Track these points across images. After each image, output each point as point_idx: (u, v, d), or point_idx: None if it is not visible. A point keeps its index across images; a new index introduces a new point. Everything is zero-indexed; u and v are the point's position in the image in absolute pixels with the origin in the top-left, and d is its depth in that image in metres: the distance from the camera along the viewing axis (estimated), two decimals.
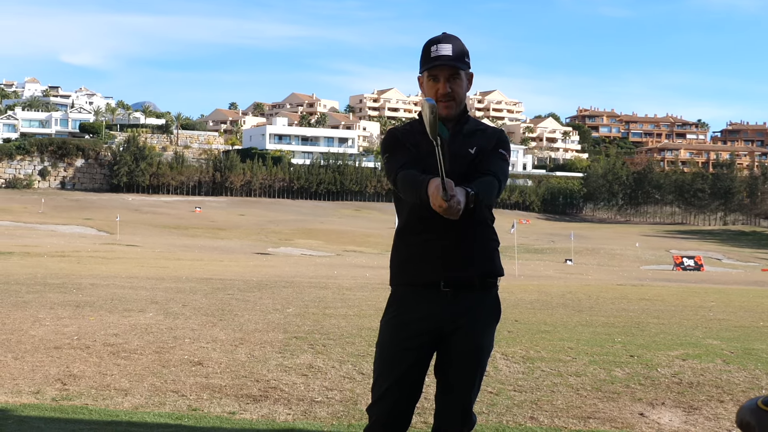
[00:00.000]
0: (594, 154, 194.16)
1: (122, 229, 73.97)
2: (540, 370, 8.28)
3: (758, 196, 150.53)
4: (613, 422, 6.35)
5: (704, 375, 8.27)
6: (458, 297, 3.67)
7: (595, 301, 18.58)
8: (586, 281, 33.12)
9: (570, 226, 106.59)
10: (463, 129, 3.78)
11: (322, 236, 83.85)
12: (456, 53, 3.67)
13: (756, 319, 14.95)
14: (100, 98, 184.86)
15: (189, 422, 5.97)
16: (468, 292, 3.69)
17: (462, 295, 3.68)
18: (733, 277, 50.69)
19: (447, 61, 3.64)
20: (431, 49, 3.68)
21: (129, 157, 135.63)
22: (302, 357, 8.63)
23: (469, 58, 3.77)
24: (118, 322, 11.10)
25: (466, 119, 3.82)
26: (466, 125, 3.80)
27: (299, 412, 6.39)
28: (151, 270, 28.61)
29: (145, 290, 16.98)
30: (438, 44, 3.67)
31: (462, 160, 3.66)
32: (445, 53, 3.65)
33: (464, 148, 3.71)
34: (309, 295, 17.30)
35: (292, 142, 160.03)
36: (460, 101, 3.75)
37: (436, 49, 3.67)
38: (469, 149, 3.72)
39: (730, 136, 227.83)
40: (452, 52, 3.66)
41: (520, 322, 12.87)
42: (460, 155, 3.69)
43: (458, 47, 3.69)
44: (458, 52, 3.68)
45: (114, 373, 7.54)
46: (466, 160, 3.67)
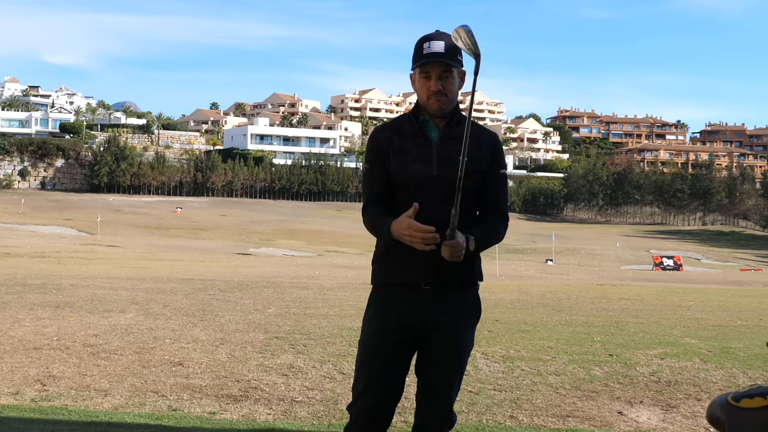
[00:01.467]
0: (574, 155, 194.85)
1: (103, 229, 73.63)
2: (520, 369, 8.32)
3: (737, 196, 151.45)
4: (591, 421, 6.39)
5: (682, 373, 8.34)
6: (439, 296, 3.65)
7: (575, 301, 18.67)
8: (566, 281, 33.25)
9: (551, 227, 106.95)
10: (453, 132, 3.68)
11: (304, 236, 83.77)
12: (448, 50, 3.59)
13: (733, 318, 15.07)
14: (81, 98, 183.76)
15: (169, 422, 5.96)
16: (448, 291, 3.68)
17: (442, 294, 3.66)
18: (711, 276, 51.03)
19: (439, 58, 3.57)
20: (423, 46, 3.62)
21: (110, 157, 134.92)
22: (283, 357, 8.64)
23: (462, 56, 3.67)
24: (98, 323, 11.06)
25: (458, 119, 3.73)
26: (457, 127, 3.69)
27: (280, 411, 6.40)
28: (132, 270, 28.51)
29: (126, 291, 16.92)
30: (431, 41, 3.61)
31: (451, 167, 3.56)
32: (438, 50, 3.58)
33: (455, 153, 3.56)
34: (290, 295, 17.30)
35: (274, 142, 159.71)
36: (452, 98, 3.66)
37: (429, 46, 3.60)
38: (459, 156, 3.55)
39: (709, 137, 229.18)
40: (444, 49, 3.58)
41: (501, 321, 12.92)
42: (450, 161, 3.60)
43: (451, 44, 3.60)
44: (451, 49, 3.60)
45: (94, 374, 7.52)
46: (456, 166, 3.53)
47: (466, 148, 3.43)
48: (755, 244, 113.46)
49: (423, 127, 3.69)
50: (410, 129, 3.70)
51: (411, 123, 3.71)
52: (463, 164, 3.43)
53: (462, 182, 3.48)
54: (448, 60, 3.58)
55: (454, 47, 3.60)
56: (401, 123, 3.77)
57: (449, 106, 3.67)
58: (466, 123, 3.48)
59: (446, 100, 3.64)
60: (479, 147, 3.70)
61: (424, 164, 3.63)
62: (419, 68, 3.64)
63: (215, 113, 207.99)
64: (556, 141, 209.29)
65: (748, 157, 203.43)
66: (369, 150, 3.77)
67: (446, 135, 3.69)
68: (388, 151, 3.68)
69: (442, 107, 3.65)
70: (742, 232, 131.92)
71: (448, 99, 3.64)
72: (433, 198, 3.59)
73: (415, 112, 3.74)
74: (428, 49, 3.59)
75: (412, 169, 3.63)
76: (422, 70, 3.64)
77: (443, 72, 3.61)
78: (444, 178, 3.60)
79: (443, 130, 3.70)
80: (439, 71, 3.61)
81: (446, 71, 3.61)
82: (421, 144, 3.66)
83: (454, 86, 3.66)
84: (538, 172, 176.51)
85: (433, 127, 3.70)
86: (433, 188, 3.61)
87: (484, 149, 3.73)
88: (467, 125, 3.45)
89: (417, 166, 3.64)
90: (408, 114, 3.77)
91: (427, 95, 3.64)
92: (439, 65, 3.59)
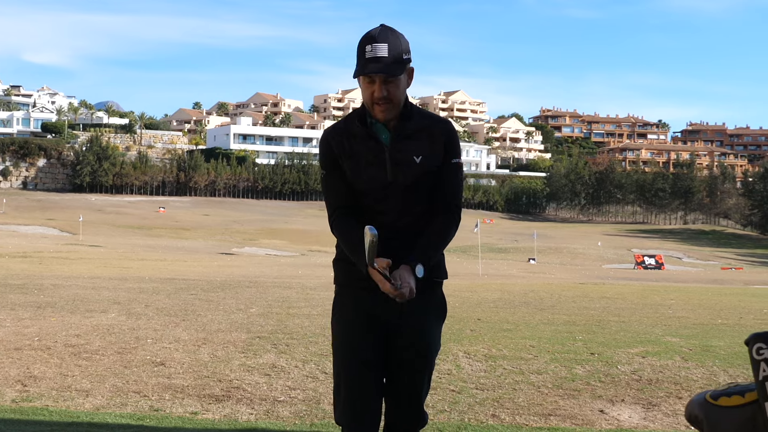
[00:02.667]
0: (557, 154, 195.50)
1: (85, 229, 73.29)
2: (502, 368, 8.34)
3: (718, 195, 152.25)
4: (573, 419, 6.41)
5: (663, 372, 8.38)
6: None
7: (557, 300, 18.72)
8: (548, 280, 33.35)
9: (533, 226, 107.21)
10: (406, 129, 3.54)
11: (287, 236, 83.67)
12: (392, 56, 3.38)
13: (714, 317, 15.15)
14: (63, 97, 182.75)
15: (151, 423, 5.95)
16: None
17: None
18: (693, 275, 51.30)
19: (381, 71, 3.37)
20: (366, 49, 3.39)
21: (92, 157, 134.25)
22: (265, 357, 8.63)
23: (408, 54, 3.46)
24: (80, 323, 11.02)
25: (408, 115, 3.55)
26: (409, 123, 3.54)
27: (262, 411, 6.39)
28: (114, 270, 28.40)
29: (108, 291, 16.85)
30: (374, 45, 3.37)
31: (406, 169, 3.50)
32: (381, 55, 3.36)
33: (408, 154, 3.50)
34: (273, 294, 17.27)
35: (257, 141, 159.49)
36: (398, 102, 3.48)
37: (372, 50, 3.37)
38: (414, 156, 3.52)
39: (690, 137, 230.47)
40: (388, 54, 3.37)
41: (483, 320, 12.94)
42: (404, 163, 3.51)
43: (395, 47, 3.39)
44: (395, 54, 3.39)
45: (75, 374, 7.49)
46: (411, 169, 3.50)
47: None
48: (736, 243, 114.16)
49: (373, 131, 3.54)
50: (360, 132, 3.55)
51: (359, 126, 3.56)
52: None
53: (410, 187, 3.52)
54: (391, 65, 3.37)
55: (398, 48, 3.42)
56: (350, 125, 3.60)
57: (395, 111, 3.50)
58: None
59: (390, 107, 3.46)
60: (432, 142, 3.57)
61: (378, 169, 3.52)
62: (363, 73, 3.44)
63: (198, 113, 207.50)
64: (538, 140, 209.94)
65: (729, 157, 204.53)
66: (322, 156, 3.64)
67: (398, 134, 3.54)
68: (341, 155, 3.56)
69: (387, 116, 3.48)
70: (723, 231, 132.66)
71: (392, 104, 3.46)
72: (393, 205, 3.54)
73: (363, 113, 3.57)
74: (371, 53, 3.37)
75: (366, 175, 3.53)
76: (366, 74, 3.43)
77: (388, 77, 3.41)
78: (400, 183, 3.51)
79: (394, 130, 3.54)
80: (383, 76, 3.40)
81: (390, 76, 3.41)
82: (372, 147, 3.53)
83: (400, 89, 3.47)
84: (520, 171, 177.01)
85: (382, 128, 3.54)
86: (390, 195, 3.53)
87: (437, 143, 3.57)
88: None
89: (371, 172, 3.53)
90: (356, 114, 3.60)
91: (372, 101, 3.47)
92: (383, 71, 3.40)
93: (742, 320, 14.83)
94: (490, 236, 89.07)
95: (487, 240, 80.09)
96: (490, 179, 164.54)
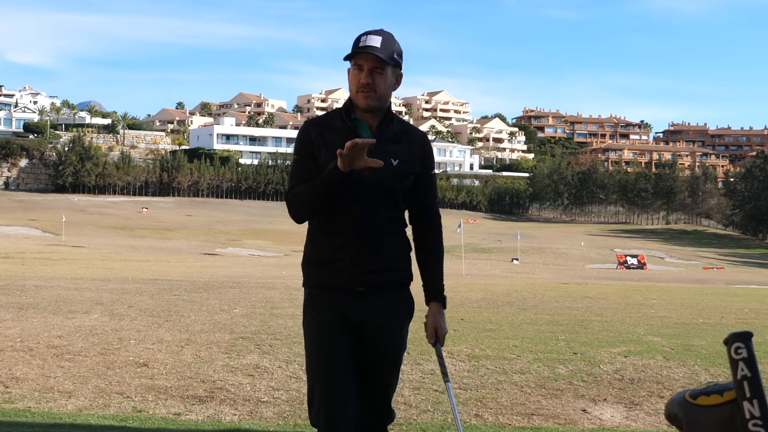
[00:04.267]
0: (540, 155, 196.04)
1: (68, 230, 72.93)
2: (485, 368, 8.37)
3: (699, 195, 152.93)
4: (556, 419, 6.45)
5: (645, 371, 8.43)
6: (373, 297, 3.65)
7: (540, 300, 18.79)
8: (531, 280, 33.44)
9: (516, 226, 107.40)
10: (387, 132, 3.65)
11: (271, 236, 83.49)
12: (384, 46, 3.54)
13: (696, 316, 15.25)
14: (45, 97, 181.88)
15: (134, 424, 5.94)
16: (382, 291, 3.68)
17: (376, 296, 3.66)
18: (675, 275, 51.54)
19: (372, 51, 3.51)
20: (360, 39, 3.56)
21: (74, 157, 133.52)
22: (249, 357, 8.63)
23: (400, 58, 3.63)
24: (63, 324, 10.97)
25: (390, 120, 3.68)
26: (390, 126, 3.67)
27: (245, 412, 6.39)
28: (97, 271, 28.28)
29: (91, 291, 16.79)
30: (368, 36, 3.56)
31: (382, 170, 3.52)
32: (373, 44, 3.52)
33: (387, 156, 3.56)
34: (256, 295, 17.26)
35: (240, 142, 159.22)
36: (381, 95, 3.58)
37: (365, 40, 3.54)
38: (392, 159, 3.60)
39: (672, 137, 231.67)
40: (380, 45, 3.53)
41: (466, 320, 12.98)
42: (384, 163, 3.53)
43: (389, 43, 3.57)
44: (387, 47, 3.55)
45: (57, 376, 7.46)
46: (387, 170, 3.55)
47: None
48: (717, 243, 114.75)
49: (355, 126, 3.62)
50: (342, 126, 3.63)
51: (342, 120, 3.65)
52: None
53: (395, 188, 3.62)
54: (381, 54, 3.51)
55: (391, 46, 3.57)
56: (333, 118, 3.71)
57: (377, 102, 3.60)
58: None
59: (374, 96, 3.57)
60: (410, 147, 3.70)
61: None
62: (353, 60, 3.58)
63: (181, 113, 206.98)
64: (521, 141, 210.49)
65: (710, 157, 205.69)
66: (299, 143, 3.69)
67: (379, 135, 3.62)
68: (319, 146, 3.60)
69: (369, 103, 3.58)
70: (705, 231, 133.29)
71: (376, 95, 3.57)
72: (363, 203, 3.59)
73: (348, 109, 3.67)
74: (364, 42, 3.54)
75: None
76: (355, 62, 3.57)
77: (375, 66, 3.54)
78: (375, 180, 3.56)
79: (376, 130, 3.64)
80: (371, 65, 3.54)
81: (378, 66, 3.54)
82: None
83: (385, 83, 3.58)
84: (503, 171, 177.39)
85: (365, 126, 3.63)
86: (361, 192, 3.57)
87: (414, 152, 3.71)
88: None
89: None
90: (339, 110, 3.70)
91: (357, 88, 3.57)
92: (372, 59, 3.53)
93: (724, 319, 14.93)
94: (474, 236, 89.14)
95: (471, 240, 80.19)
96: (474, 179, 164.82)
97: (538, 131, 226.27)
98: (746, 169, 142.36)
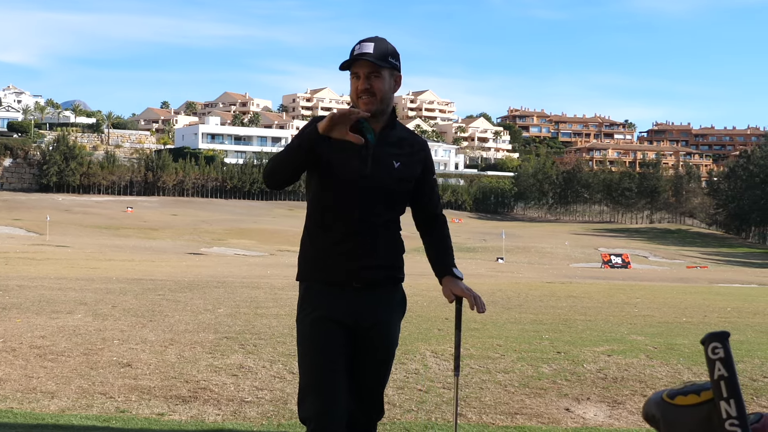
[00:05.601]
0: (524, 154, 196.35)
1: (52, 229, 72.59)
2: (469, 367, 8.38)
3: (683, 195, 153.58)
4: (539, 418, 6.47)
5: (628, 370, 8.46)
6: (369, 293, 3.72)
7: (524, 299, 18.83)
8: (516, 279, 33.50)
9: (501, 225, 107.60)
10: (390, 136, 3.75)
11: (256, 236, 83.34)
12: (377, 51, 3.64)
13: (679, 315, 15.31)
14: (29, 97, 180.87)
15: (117, 424, 5.93)
16: (377, 288, 3.75)
17: (372, 292, 3.73)
18: (659, 274, 51.73)
19: (366, 58, 3.61)
20: (355, 49, 3.67)
21: (59, 157, 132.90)
22: (233, 357, 8.62)
23: (396, 60, 3.72)
24: (46, 324, 10.93)
25: (393, 125, 3.78)
26: (393, 131, 3.76)
27: (229, 412, 6.39)
28: (81, 271, 28.16)
29: (74, 291, 16.72)
30: (361, 44, 3.67)
31: (384, 170, 3.67)
32: (366, 51, 3.63)
33: (390, 158, 3.70)
34: (241, 295, 17.22)
35: (225, 141, 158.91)
36: (382, 98, 3.67)
37: (359, 48, 3.65)
38: (393, 161, 3.71)
39: (656, 136, 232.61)
40: (373, 50, 3.63)
41: (450, 320, 12.98)
42: (384, 164, 3.69)
43: (382, 47, 3.67)
44: (380, 51, 3.65)
45: (40, 376, 7.44)
46: (389, 172, 3.68)
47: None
48: (701, 242, 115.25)
49: (360, 128, 3.67)
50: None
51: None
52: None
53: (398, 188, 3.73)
54: (374, 60, 3.61)
55: (385, 49, 3.68)
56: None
57: (378, 105, 3.67)
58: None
59: (374, 100, 3.65)
60: (411, 154, 3.80)
61: (360, 162, 3.66)
62: (351, 70, 3.68)
63: (166, 112, 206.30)
64: (506, 140, 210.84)
65: (694, 156, 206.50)
66: (300, 133, 3.66)
67: (382, 138, 3.73)
68: (324, 139, 3.57)
69: (369, 108, 3.64)
70: (689, 230, 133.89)
71: (376, 98, 3.65)
72: (366, 199, 3.66)
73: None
74: (358, 50, 3.65)
75: (349, 166, 3.64)
76: (352, 71, 3.68)
77: (371, 71, 3.63)
78: (376, 179, 3.66)
79: (379, 133, 3.73)
80: (366, 71, 3.64)
81: (375, 71, 3.64)
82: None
83: (384, 85, 3.67)
84: (488, 171, 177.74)
85: (369, 128, 3.70)
86: (361, 191, 3.66)
87: (415, 157, 3.81)
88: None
89: (354, 164, 3.65)
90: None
91: (357, 95, 3.67)
92: (367, 65, 3.62)
93: (707, 318, 15.01)
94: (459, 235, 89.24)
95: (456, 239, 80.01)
96: (459, 179, 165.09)
97: (522, 131, 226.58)
98: (729, 168, 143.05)
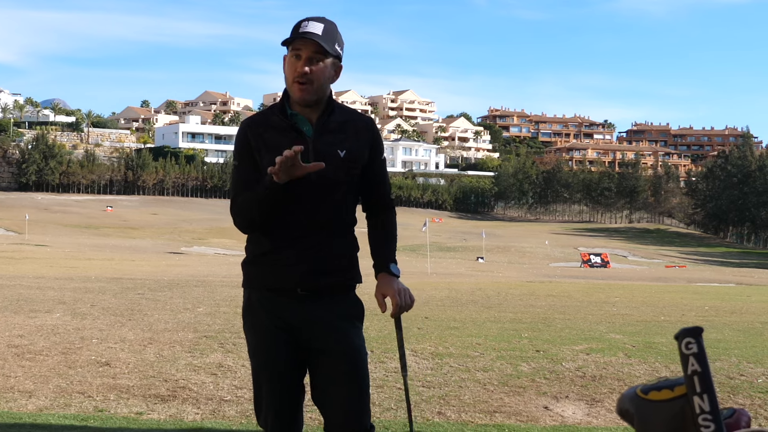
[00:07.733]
0: (505, 154, 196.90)
1: (31, 228, 72.10)
2: (448, 365, 8.40)
3: (662, 194, 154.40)
4: (518, 416, 6.49)
5: (607, 368, 8.51)
6: (316, 301, 3.43)
7: (503, 298, 18.88)
8: (496, 278, 33.59)
9: (481, 225, 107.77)
10: (329, 123, 3.42)
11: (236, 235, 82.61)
12: (326, 34, 3.31)
13: (657, 314, 15.40)
14: (8, 95, 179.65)
15: (95, 423, 5.90)
16: (325, 295, 3.45)
17: (320, 300, 3.44)
18: (637, 273, 51.99)
19: (313, 38, 3.27)
20: (301, 25, 3.34)
21: (38, 156, 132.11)
22: (212, 356, 8.60)
23: (341, 48, 3.40)
24: (24, 323, 10.87)
25: (331, 110, 3.44)
26: (331, 116, 3.43)
27: (208, 411, 6.37)
28: (60, 270, 28.01)
29: (53, 290, 16.63)
30: (309, 21, 3.34)
31: (331, 163, 3.35)
32: (314, 30, 3.29)
33: (333, 147, 3.39)
34: (221, 294, 17.19)
35: (206, 140, 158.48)
36: (318, 87, 3.35)
37: (306, 26, 3.32)
38: (338, 150, 3.40)
39: (635, 137, 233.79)
40: (322, 33, 3.30)
41: (430, 318, 13.02)
42: (329, 155, 3.37)
43: (332, 31, 3.34)
44: (329, 35, 3.32)
45: (18, 375, 7.39)
46: (336, 163, 3.37)
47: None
48: (679, 242, 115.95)
49: (294, 122, 3.40)
50: (281, 123, 3.41)
51: (280, 117, 3.42)
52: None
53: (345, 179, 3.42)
54: (322, 42, 3.28)
55: (334, 35, 3.36)
56: (270, 115, 3.46)
57: (313, 96, 3.36)
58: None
59: (310, 89, 3.34)
60: (357, 136, 3.48)
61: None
62: (291, 46, 3.33)
63: (146, 111, 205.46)
64: (486, 140, 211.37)
65: (673, 156, 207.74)
66: (237, 147, 3.47)
67: (321, 127, 3.42)
68: (259, 148, 3.38)
69: (304, 96, 3.35)
70: (667, 230, 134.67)
71: (312, 87, 3.33)
72: (310, 201, 3.38)
73: (283, 104, 3.45)
74: (305, 27, 3.32)
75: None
76: (293, 49, 3.33)
77: (315, 54, 3.31)
78: (320, 176, 3.31)
79: (317, 122, 3.42)
80: (310, 52, 3.31)
81: (317, 55, 3.31)
82: (294, 139, 3.34)
83: (324, 73, 3.35)
84: (468, 170, 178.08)
85: (304, 120, 3.41)
86: (309, 190, 3.36)
87: (362, 138, 3.49)
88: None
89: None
90: (276, 106, 3.47)
91: (293, 77, 3.34)
92: (312, 45, 3.29)
93: (685, 317, 15.10)
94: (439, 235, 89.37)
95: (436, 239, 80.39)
96: (439, 178, 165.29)
97: (503, 130, 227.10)
98: (707, 168, 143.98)
